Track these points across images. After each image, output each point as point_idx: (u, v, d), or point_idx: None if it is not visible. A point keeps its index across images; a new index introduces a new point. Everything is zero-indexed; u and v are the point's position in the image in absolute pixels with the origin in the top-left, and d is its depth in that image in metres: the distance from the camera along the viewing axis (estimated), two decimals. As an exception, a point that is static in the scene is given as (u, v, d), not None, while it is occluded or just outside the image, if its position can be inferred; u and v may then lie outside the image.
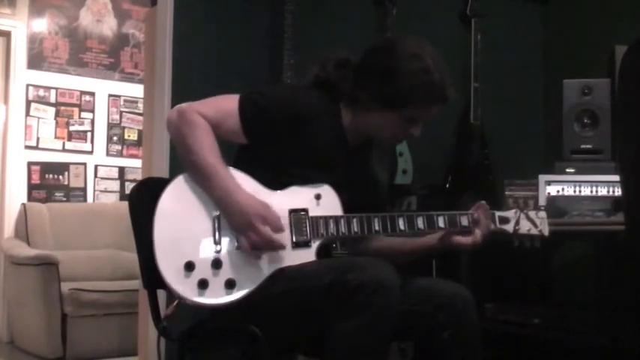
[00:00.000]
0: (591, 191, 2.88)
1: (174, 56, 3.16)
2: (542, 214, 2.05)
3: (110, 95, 5.81)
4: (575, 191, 2.90)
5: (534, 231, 2.03)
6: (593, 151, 3.08)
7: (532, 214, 2.04)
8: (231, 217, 1.82)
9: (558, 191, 2.91)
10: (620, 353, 2.71)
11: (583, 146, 3.09)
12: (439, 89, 1.92)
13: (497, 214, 2.04)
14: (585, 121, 3.10)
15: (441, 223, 1.97)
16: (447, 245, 2.02)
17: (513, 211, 2.04)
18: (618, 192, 2.79)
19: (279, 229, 1.83)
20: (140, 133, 5.64)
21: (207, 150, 1.85)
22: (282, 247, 1.83)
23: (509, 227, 2.03)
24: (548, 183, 2.92)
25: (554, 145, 3.35)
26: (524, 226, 2.03)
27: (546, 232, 2.04)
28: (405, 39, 2.00)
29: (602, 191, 2.87)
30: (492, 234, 2.03)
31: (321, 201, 1.92)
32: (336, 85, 2.00)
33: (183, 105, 1.92)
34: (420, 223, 1.95)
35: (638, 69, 1.60)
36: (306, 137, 1.93)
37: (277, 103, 1.93)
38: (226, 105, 1.92)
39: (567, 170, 3.03)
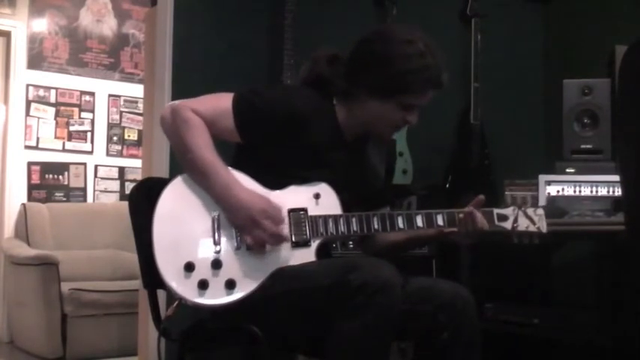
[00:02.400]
0: (591, 191, 2.89)
1: (174, 56, 3.16)
2: (540, 211, 2.05)
3: (110, 95, 5.81)
4: (575, 191, 2.90)
5: (532, 228, 2.03)
6: (593, 151, 3.08)
7: (530, 211, 2.04)
8: (233, 214, 1.82)
9: (558, 191, 2.91)
10: (620, 353, 2.70)
11: (583, 146, 3.09)
12: (434, 73, 1.92)
13: (496, 211, 2.03)
14: (585, 121, 3.10)
15: (440, 221, 1.97)
16: (441, 236, 2.03)
17: (511, 208, 2.04)
18: (618, 192, 2.79)
19: (281, 222, 1.83)
20: (140, 133, 5.63)
21: (204, 148, 1.84)
22: (287, 240, 1.84)
23: (508, 225, 2.02)
24: (548, 183, 2.93)
25: (554, 145, 3.35)
26: (523, 224, 2.03)
27: (544, 229, 2.03)
28: (396, 26, 2.00)
29: (602, 191, 2.87)
30: (490, 231, 2.03)
31: (320, 200, 1.92)
32: (329, 81, 1.99)
33: (177, 102, 1.91)
34: (419, 221, 1.95)
35: (638, 69, 1.60)
36: (303, 136, 1.92)
37: (272, 103, 1.92)
38: (221, 103, 1.91)
39: (567, 170, 3.03)
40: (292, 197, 1.90)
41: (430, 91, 1.95)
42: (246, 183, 1.87)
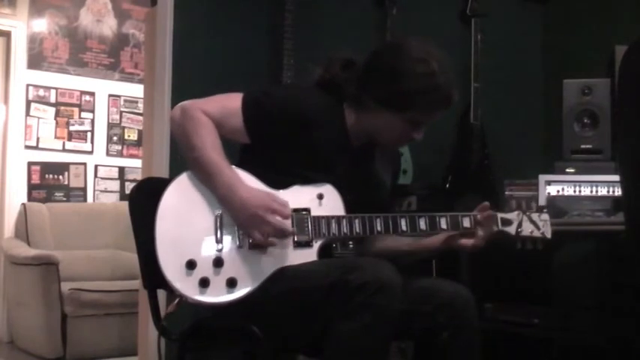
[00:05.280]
0: (591, 191, 2.89)
1: (174, 56, 3.16)
2: (545, 216, 2.04)
3: (110, 95, 5.81)
4: (575, 191, 2.90)
5: (537, 233, 2.02)
6: (593, 151, 3.08)
7: (535, 216, 2.03)
8: (236, 213, 1.82)
9: (558, 191, 2.91)
10: (619, 353, 2.70)
11: (583, 146, 3.10)
12: (443, 94, 1.92)
13: (500, 215, 2.02)
14: (585, 121, 3.11)
15: (443, 224, 1.96)
16: (450, 247, 2.01)
17: (516, 213, 2.02)
18: (618, 192, 2.79)
19: (287, 216, 1.83)
20: (140, 133, 5.63)
21: (211, 147, 1.85)
22: (293, 234, 1.83)
23: (512, 229, 2.01)
24: (548, 183, 2.93)
25: (554, 145, 3.35)
26: (527, 229, 2.01)
27: (549, 235, 2.02)
28: (412, 41, 1.99)
29: (602, 191, 2.87)
30: (494, 236, 2.02)
31: (324, 201, 1.92)
32: (340, 85, 1.99)
33: (187, 102, 1.91)
34: (423, 224, 1.94)
35: (638, 69, 1.60)
36: (310, 138, 1.92)
37: (281, 103, 1.93)
38: (230, 103, 1.92)
39: (567, 170, 3.03)
40: (295, 197, 1.89)
41: (437, 111, 1.95)
42: (250, 182, 1.87)
